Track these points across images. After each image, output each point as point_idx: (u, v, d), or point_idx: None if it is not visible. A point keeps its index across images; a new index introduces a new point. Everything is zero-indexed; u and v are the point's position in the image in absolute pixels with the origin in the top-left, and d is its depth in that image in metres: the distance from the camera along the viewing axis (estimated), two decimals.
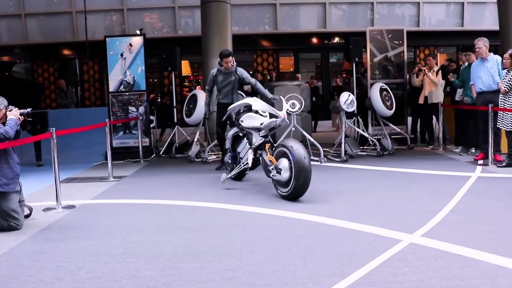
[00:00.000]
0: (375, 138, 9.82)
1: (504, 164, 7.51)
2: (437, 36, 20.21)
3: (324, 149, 8.88)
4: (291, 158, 5.40)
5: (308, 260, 3.58)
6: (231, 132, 6.94)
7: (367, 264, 3.42)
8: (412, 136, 11.10)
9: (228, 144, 7.04)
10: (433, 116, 10.45)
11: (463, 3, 20.29)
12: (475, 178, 6.74)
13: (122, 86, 10.18)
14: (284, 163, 5.52)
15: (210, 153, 9.24)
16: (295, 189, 5.41)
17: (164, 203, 5.83)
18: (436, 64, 10.98)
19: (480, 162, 7.89)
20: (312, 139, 8.98)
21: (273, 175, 5.69)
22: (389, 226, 4.38)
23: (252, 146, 6.28)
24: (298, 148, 5.41)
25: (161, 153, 10.46)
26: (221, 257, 3.71)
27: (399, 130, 10.44)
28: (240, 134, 6.79)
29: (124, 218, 5.16)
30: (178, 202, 5.83)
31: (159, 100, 15.68)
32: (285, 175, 5.50)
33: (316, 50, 21.00)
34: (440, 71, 10.25)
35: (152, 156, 10.19)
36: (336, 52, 20.83)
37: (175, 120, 10.92)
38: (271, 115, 6.37)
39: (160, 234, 4.46)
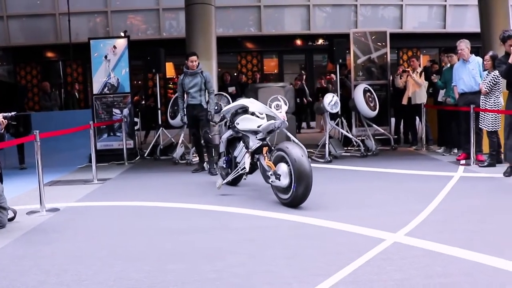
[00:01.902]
0: (359, 139, 9.91)
1: (485, 164, 7.62)
2: (420, 38, 20.40)
3: (308, 150, 8.92)
4: (290, 163, 5.13)
5: (293, 260, 3.60)
6: (225, 135, 6.69)
7: (351, 263, 3.45)
8: (396, 136, 11.20)
9: (222, 148, 6.79)
10: (416, 117, 10.56)
11: (445, 6, 20.51)
12: (457, 178, 6.82)
13: (106, 88, 10.13)
14: (283, 168, 5.25)
15: (194, 155, 9.23)
16: (296, 196, 5.12)
17: (149, 205, 5.82)
18: (419, 65, 11.09)
19: (462, 162, 8.00)
20: (296, 140, 9.02)
21: (272, 181, 5.42)
22: (373, 226, 4.42)
23: (249, 150, 5.97)
24: (297, 153, 5.14)
25: (145, 155, 10.42)
26: (206, 258, 3.72)
27: (383, 131, 10.55)
28: (235, 137, 6.51)
29: (109, 221, 5.14)
30: (163, 204, 5.83)
31: (143, 102, 15.62)
32: (284, 181, 5.22)
33: (300, 52, 21.08)
34: (423, 72, 10.36)
35: (137, 158, 10.16)
36: (320, 53, 20.91)
37: (160, 122, 10.90)
38: (269, 117, 6.06)
39: (145, 236, 4.46)
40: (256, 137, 5.90)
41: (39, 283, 3.34)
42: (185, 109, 8.04)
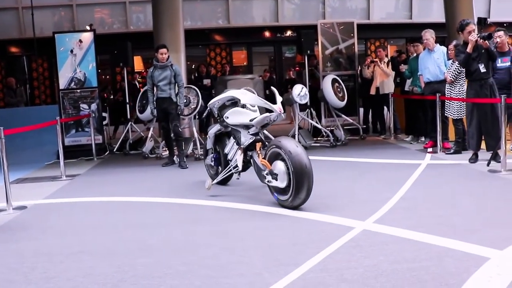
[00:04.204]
0: (328, 129, 9.99)
1: (452, 151, 7.77)
2: (387, 28, 20.61)
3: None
4: (287, 161, 4.64)
5: (264, 251, 3.62)
6: (213, 130, 6.14)
7: (321, 252, 3.49)
8: (364, 126, 11.34)
9: (209, 144, 6.23)
10: (384, 107, 10.70)
11: None
12: (424, 165, 6.94)
13: (73, 83, 9.97)
14: (279, 166, 4.76)
15: (164, 149, 9.17)
16: (296, 197, 4.65)
17: (119, 200, 5.77)
18: (386, 55, 11.22)
19: (429, 150, 8.14)
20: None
21: (268, 181, 4.92)
22: (342, 215, 4.47)
23: (241, 146, 5.44)
24: (295, 149, 4.65)
25: (114, 150, 10.31)
26: (177, 251, 3.72)
27: (352, 121, 10.65)
28: (224, 132, 5.99)
29: (78, 217, 5.08)
30: (133, 198, 5.79)
31: (111, 96, 15.45)
32: (282, 180, 4.74)
33: (269, 44, 21.09)
34: (390, 62, 10.49)
35: (106, 154, 10.04)
36: (289, 45, 20.96)
37: (128, 117, 10.79)
38: (261, 110, 5.58)
39: (114, 232, 4.42)
40: (248, 132, 5.38)
41: (7, 282, 3.28)
42: (154, 103, 7.98)
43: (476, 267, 3.09)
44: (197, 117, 10.20)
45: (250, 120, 5.35)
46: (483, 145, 6.98)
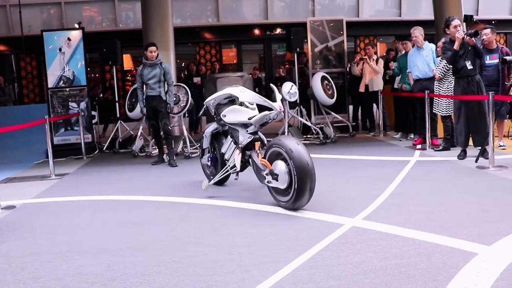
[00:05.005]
0: (317, 127, 10.02)
1: (440, 148, 7.82)
2: (376, 26, 20.66)
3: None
4: (289, 161, 4.49)
5: (253, 248, 3.63)
6: (209, 129, 5.96)
7: (310, 249, 3.51)
8: (354, 123, 11.38)
9: (206, 143, 6.08)
10: (374, 104, 10.74)
11: None
12: (413, 162, 6.98)
13: (62, 81, 9.92)
14: (280, 166, 4.61)
15: (154, 147, 9.16)
16: (298, 199, 4.49)
17: (108, 199, 5.76)
18: (375, 53, 11.26)
19: (419, 146, 8.19)
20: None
21: (268, 182, 4.75)
22: (331, 212, 4.49)
23: (239, 146, 5.28)
24: (296, 147, 4.51)
25: (104, 148, 10.27)
26: (166, 249, 3.72)
27: (341, 118, 10.69)
28: (221, 131, 5.88)
29: (67, 216, 5.06)
30: (122, 197, 5.77)
31: (101, 95, 15.37)
32: (283, 181, 4.59)
33: (259, 42, 21.08)
34: (379, 59, 10.53)
35: (95, 152, 10.00)
36: (279, 42, 20.95)
37: (118, 115, 10.75)
38: (260, 108, 5.37)
39: (104, 231, 4.41)
40: (247, 131, 5.22)
41: None
42: (144, 101, 7.95)
43: (464, 263, 3.12)
44: (186, 115, 10.18)
45: (248, 119, 5.18)
46: (471, 142, 7.04)
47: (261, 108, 5.31)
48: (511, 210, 4.34)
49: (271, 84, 5.63)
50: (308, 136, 10.44)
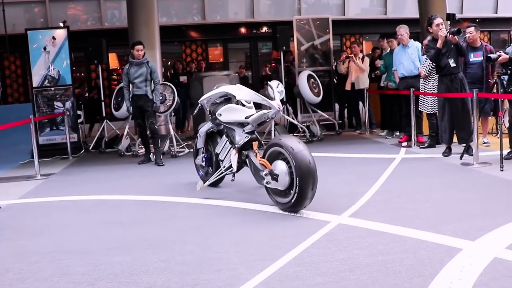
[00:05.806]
0: (304, 125, 10.05)
1: (426, 145, 7.89)
2: (362, 24, 20.75)
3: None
4: (291, 161, 4.34)
5: (240, 246, 3.64)
6: (204, 128, 5.75)
7: (297, 246, 3.52)
8: (340, 121, 11.43)
9: (200, 143, 5.84)
10: (360, 102, 10.79)
11: None
12: (399, 159, 7.04)
13: (47, 81, 9.84)
14: (281, 166, 4.46)
15: (140, 146, 9.12)
16: (299, 200, 4.33)
17: (94, 198, 5.73)
18: (361, 51, 11.32)
19: (404, 144, 8.25)
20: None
21: (267, 182, 4.57)
22: (318, 209, 4.51)
23: (236, 146, 5.05)
24: (297, 145, 4.36)
25: (90, 148, 10.21)
26: (153, 248, 3.71)
27: (327, 116, 10.72)
28: (216, 130, 5.68)
29: (53, 217, 5.03)
30: (109, 197, 5.75)
31: (86, 94, 15.28)
32: (283, 182, 4.44)
33: (245, 40, 21.07)
34: (365, 57, 10.58)
35: (81, 152, 9.94)
36: (265, 41, 20.96)
37: (104, 114, 10.69)
38: (256, 106, 5.26)
39: (90, 230, 4.39)
40: (243, 130, 5.01)
41: None
42: (130, 100, 7.92)
43: (449, 258, 3.16)
44: (173, 114, 10.16)
45: (245, 118, 5.00)
46: (455, 139, 7.11)
47: (257, 106, 5.25)
48: (495, 206, 4.40)
49: (269, 82, 5.50)
50: (295, 134, 10.45)
